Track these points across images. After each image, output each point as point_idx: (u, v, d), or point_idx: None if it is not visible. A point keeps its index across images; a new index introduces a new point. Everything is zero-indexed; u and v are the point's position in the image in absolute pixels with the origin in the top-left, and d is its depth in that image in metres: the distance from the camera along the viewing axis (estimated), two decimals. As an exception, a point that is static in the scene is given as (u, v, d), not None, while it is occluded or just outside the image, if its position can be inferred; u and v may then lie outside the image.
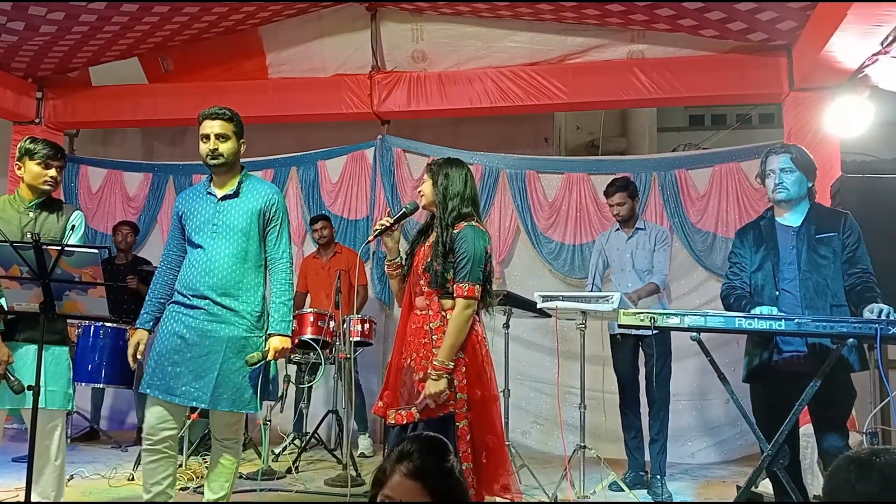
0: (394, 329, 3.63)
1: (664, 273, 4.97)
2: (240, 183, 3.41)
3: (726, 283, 3.47)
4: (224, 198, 3.37)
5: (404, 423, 2.96)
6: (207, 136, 3.34)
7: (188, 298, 3.29)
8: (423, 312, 3.04)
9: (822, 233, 3.28)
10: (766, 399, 3.30)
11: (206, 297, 3.26)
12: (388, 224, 3.13)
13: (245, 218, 3.34)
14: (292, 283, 3.41)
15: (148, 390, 3.24)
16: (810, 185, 3.37)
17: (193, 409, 3.87)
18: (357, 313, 5.63)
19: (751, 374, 3.34)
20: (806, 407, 3.13)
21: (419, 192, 3.18)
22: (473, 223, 3.06)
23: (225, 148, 3.35)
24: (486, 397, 3.02)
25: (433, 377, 2.89)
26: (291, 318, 3.39)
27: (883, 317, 2.89)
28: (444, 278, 2.99)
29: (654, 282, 4.91)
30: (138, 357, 3.35)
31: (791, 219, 3.37)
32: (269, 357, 3.28)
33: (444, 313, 3.00)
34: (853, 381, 3.25)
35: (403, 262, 3.22)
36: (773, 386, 3.27)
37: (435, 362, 2.90)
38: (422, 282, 3.05)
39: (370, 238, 3.22)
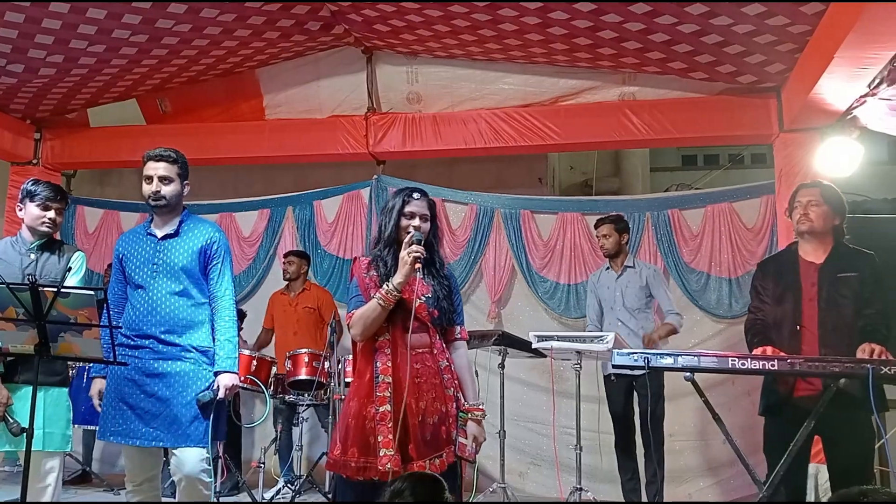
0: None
1: (674, 310, 4.99)
2: (180, 222, 3.42)
3: (750, 315, 3.48)
4: (165, 237, 3.39)
5: (440, 472, 2.75)
6: (150, 178, 3.36)
7: (132, 340, 3.30)
8: (426, 351, 2.87)
9: (844, 272, 3.27)
10: (780, 435, 3.24)
11: (150, 337, 3.28)
12: (423, 253, 2.85)
13: (186, 256, 3.36)
14: (235, 320, 3.43)
15: (111, 438, 3.27)
16: (837, 223, 3.37)
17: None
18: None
19: (768, 409, 3.33)
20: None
21: (417, 227, 2.91)
22: None
23: (168, 190, 3.36)
24: None
25: (481, 419, 2.91)
26: (237, 354, 3.41)
27: (875, 356, 2.90)
28: (450, 317, 2.98)
29: (670, 322, 4.93)
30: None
31: (815, 255, 3.37)
32: (220, 395, 3.28)
33: (445, 352, 2.96)
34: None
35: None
36: (789, 422, 3.22)
37: (479, 405, 2.94)
38: (420, 317, 2.87)
39: (417, 266, 2.80)
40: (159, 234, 3.40)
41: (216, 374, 3.32)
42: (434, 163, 7.51)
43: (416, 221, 2.90)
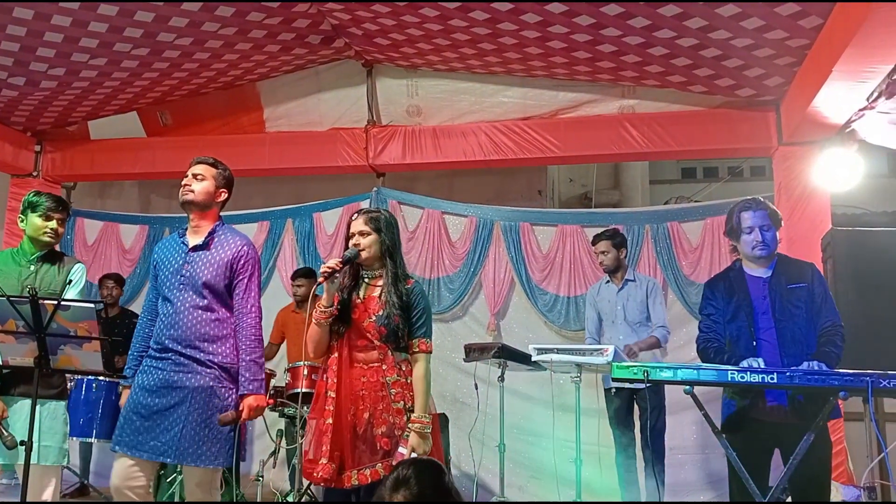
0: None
1: (664, 326, 4.97)
2: (211, 233, 3.38)
3: (702, 335, 3.48)
4: (194, 248, 3.35)
5: (369, 482, 2.91)
6: (186, 176, 3.38)
7: (157, 352, 3.27)
8: (375, 365, 3.04)
9: (792, 283, 3.35)
10: (743, 449, 3.21)
11: (171, 350, 3.23)
12: (338, 267, 3.03)
13: (212, 270, 3.30)
14: (261, 339, 3.34)
15: (117, 448, 3.19)
16: (779, 240, 3.48)
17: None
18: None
19: (729, 423, 3.33)
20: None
21: (355, 244, 3.11)
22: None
23: (198, 186, 3.36)
24: (436, 448, 3.13)
25: (423, 432, 2.95)
26: (263, 376, 3.31)
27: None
28: (403, 332, 3.05)
29: (655, 335, 4.91)
30: None
31: (761, 269, 3.43)
32: (244, 417, 3.21)
33: (398, 366, 3.06)
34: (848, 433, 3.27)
35: (335, 312, 3.08)
36: (750, 434, 3.26)
37: (421, 418, 2.98)
38: (368, 335, 3.05)
39: (321, 280, 3.01)
40: (191, 243, 3.36)
41: (241, 396, 3.23)
42: (434, 175, 7.52)
43: (354, 240, 3.12)
